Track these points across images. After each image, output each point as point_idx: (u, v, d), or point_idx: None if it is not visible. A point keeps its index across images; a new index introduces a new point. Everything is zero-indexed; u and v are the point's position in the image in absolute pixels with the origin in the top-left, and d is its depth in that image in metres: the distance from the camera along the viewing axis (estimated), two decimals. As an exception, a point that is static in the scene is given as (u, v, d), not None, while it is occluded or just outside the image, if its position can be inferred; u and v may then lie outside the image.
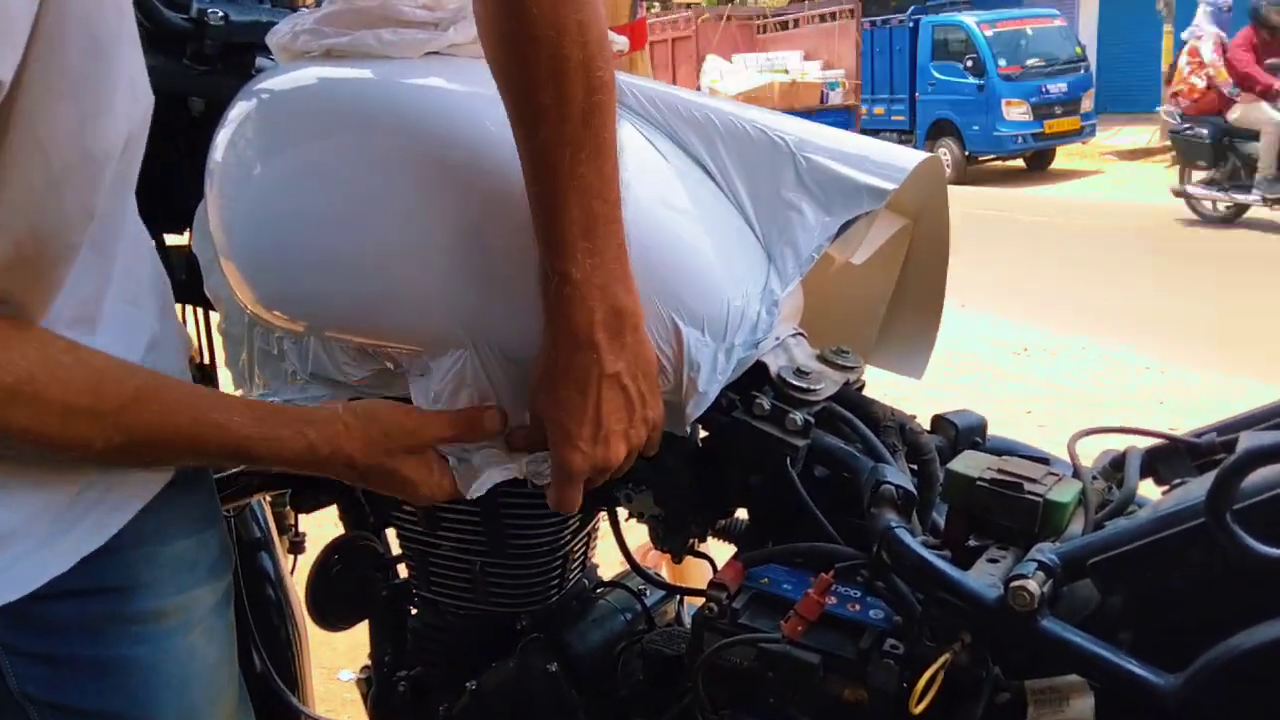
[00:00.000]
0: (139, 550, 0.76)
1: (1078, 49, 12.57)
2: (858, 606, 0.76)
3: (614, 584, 1.10)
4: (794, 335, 0.92)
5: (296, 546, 1.36)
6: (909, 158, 0.91)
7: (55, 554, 0.71)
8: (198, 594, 0.82)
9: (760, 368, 0.86)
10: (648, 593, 1.10)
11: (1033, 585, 0.63)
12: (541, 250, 0.76)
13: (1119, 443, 0.87)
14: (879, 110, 13.59)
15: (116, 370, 0.68)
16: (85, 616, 0.73)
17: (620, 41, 1.42)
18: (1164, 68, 12.48)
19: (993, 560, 0.70)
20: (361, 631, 1.26)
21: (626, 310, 0.77)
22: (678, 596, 1.13)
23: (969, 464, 0.75)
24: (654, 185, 0.89)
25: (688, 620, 1.11)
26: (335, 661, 2.17)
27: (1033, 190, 10.94)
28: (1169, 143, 8.89)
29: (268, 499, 1.33)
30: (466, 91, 0.87)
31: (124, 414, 0.67)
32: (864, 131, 13.02)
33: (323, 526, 1.36)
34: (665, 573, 1.78)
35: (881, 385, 1.01)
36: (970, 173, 11.80)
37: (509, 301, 0.81)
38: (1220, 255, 6.91)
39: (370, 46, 0.89)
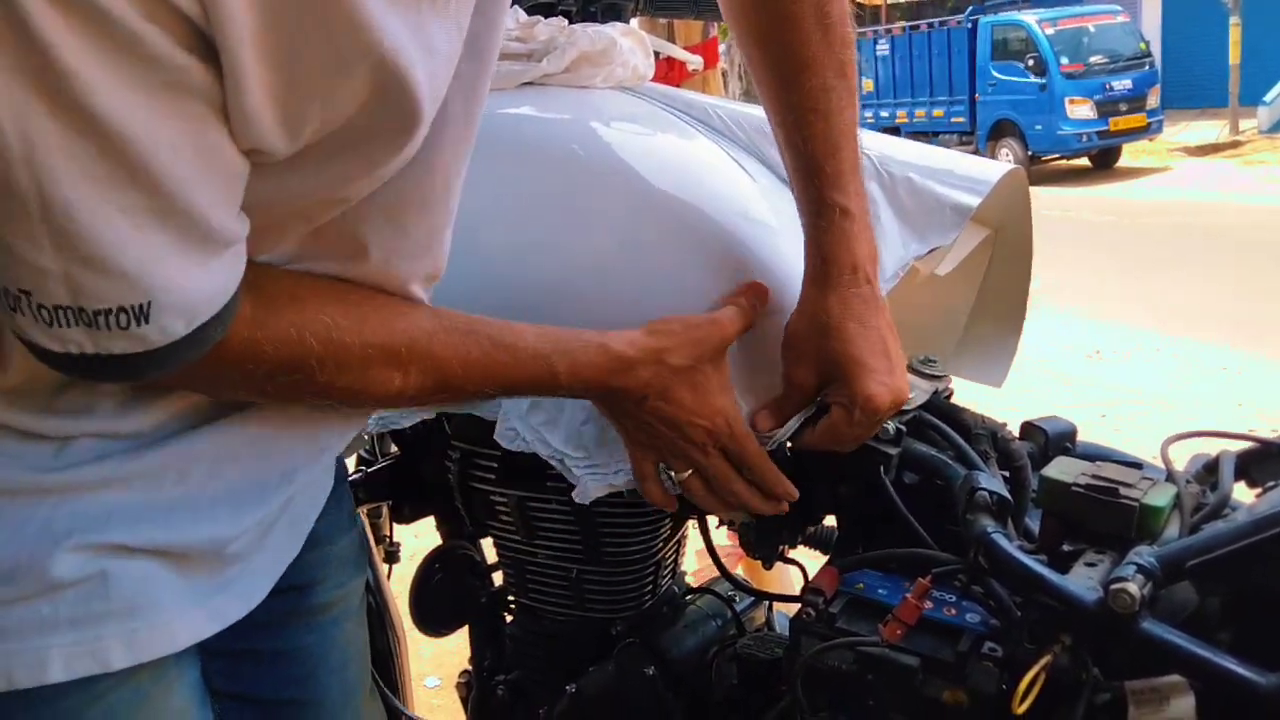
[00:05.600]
0: (315, 551, 0.82)
1: (1141, 44, 12.35)
2: (954, 611, 0.78)
3: (704, 589, 1.13)
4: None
5: (392, 556, 1.42)
6: (992, 171, 0.93)
7: (268, 564, 0.76)
8: (352, 586, 0.88)
9: (850, 378, 0.88)
10: (737, 598, 1.12)
11: (1133, 588, 0.64)
12: (812, 187, 0.80)
13: (1210, 446, 0.87)
14: (938, 112, 13.47)
15: (407, 311, 0.69)
16: (269, 614, 0.78)
17: (695, 60, 1.46)
18: (1232, 61, 12.21)
19: (1090, 564, 0.72)
20: (447, 640, 1.31)
21: (878, 252, 0.82)
22: (766, 602, 1.15)
23: (1063, 470, 0.77)
24: (741, 202, 0.92)
25: (777, 626, 1.14)
26: (421, 669, 2.22)
27: (1099, 189, 10.75)
28: (1238, 137, 8.64)
29: (364, 511, 1.38)
30: (573, 118, 0.92)
31: (417, 349, 0.68)
32: (922, 134, 12.93)
33: (402, 536, 1.42)
34: (745, 577, 1.81)
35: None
36: (1034, 173, 11.61)
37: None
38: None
39: None
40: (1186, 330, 5.11)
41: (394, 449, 1.27)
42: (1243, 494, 0.84)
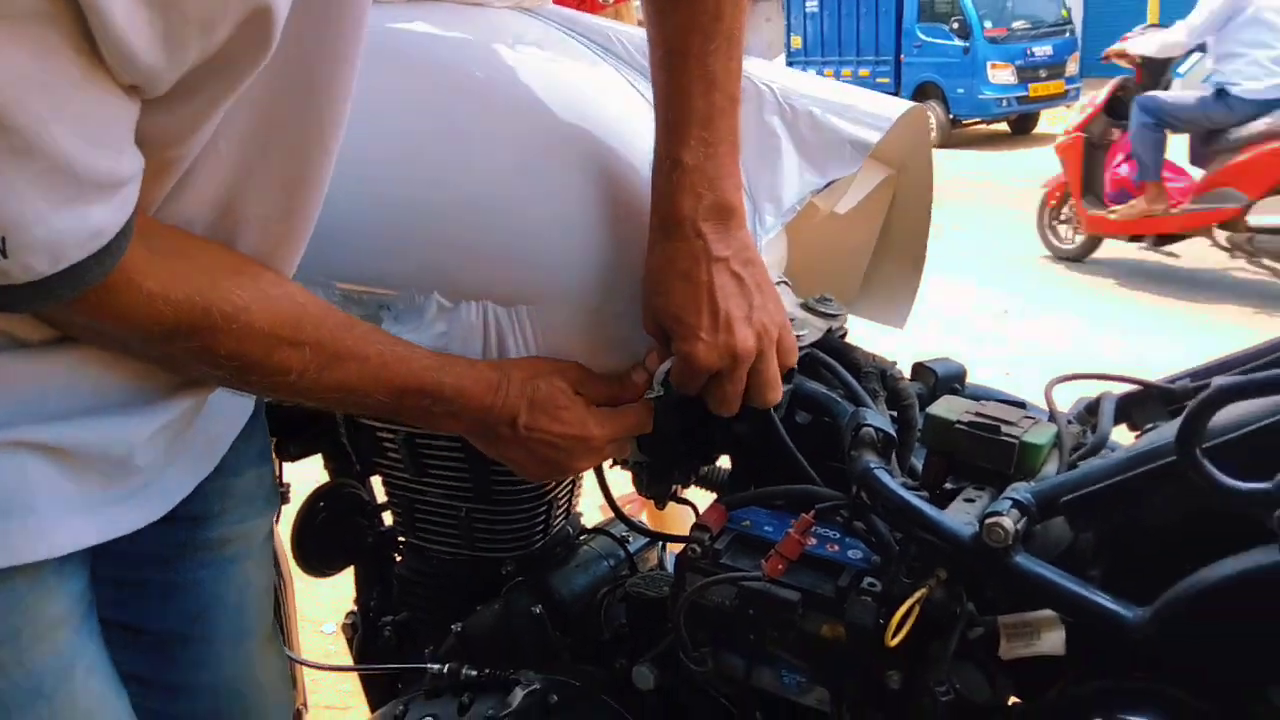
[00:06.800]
0: (215, 481, 0.81)
1: (1064, 11, 12.53)
2: (837, 547, 0.78)
3: (598, 530, 1.12)
4: (778, 284, 0.93)
5: (281, 497, 1.36)
6: (894, 107, 0.92)
7: (176, 479, 0.75)
8: (256, 524, 0.87)
9: (744, 315, 0.87)
10: (631, 539, 1.11)
11: (1007, 522, 0.64)
12: (659, 135, 0.78)
13: (1095, 390, 0.88)
14: (864, 72, 13.53)
15: (316, 305, 0.71)
16: (163, 544, 0.78)
17: (607, -10, 1.42)
18: (1150, 32, 12.47)
19: (969, 500, 0.72)
20: (346, 585, 1.28)
21: (732, 206, 0.78)
22: (660, 543, 1.14)
23: (948, 408, 0.77)
24: (641, 131, 0.89)
25: (670, 566, 1.13)
26: (319, 614, 2.19)
27: (1016, 153, 10.94)
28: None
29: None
30: (469, 37, 0.89)
31: (322, 344, 0.69)
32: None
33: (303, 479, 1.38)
34: (646, 521, 1.80)
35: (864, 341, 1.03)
36: (955, 136, 11.79)
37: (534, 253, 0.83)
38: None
39: None
40: (1094, 294, 5.26)
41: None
42: (1126, 438, 0.85)
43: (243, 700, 0.88)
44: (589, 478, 1.10)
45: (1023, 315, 5.01)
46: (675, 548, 1.13)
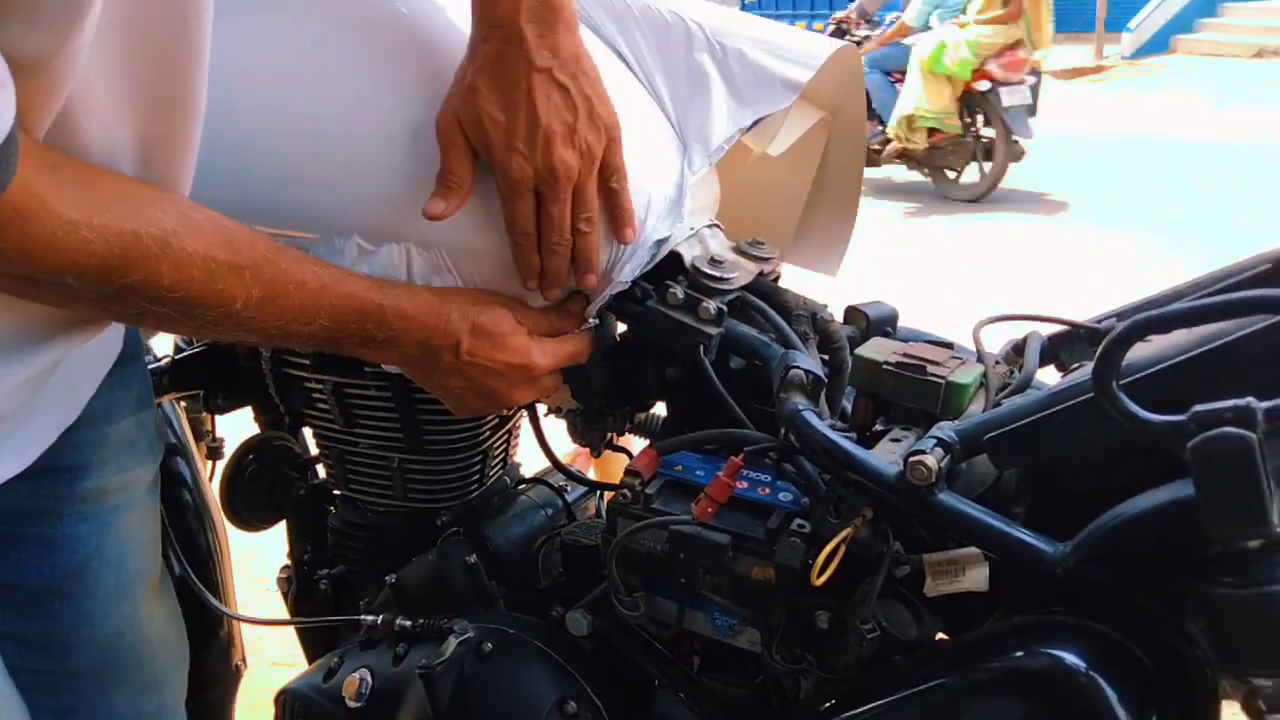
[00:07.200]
0: (91, 430, 0.77)
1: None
2: (767, 490, 0.77)
3: (535, 480, 1.11)
4: (710, 226, 0.91)
5: (214, 452, 1.33)
6: (825, 46, 0.90)
7: (40, 427, 0.72)
8: (137, 474, 0.83)
9: (675, 257, 0.86)
10: (569, 489, 1.10)
11: (930, 460, 0.64)
12: None
13: (1024, 331, 0.88)
14: (819, 26, 13.40)
15: (242, 230, 0.67)
16: (37, 496, 0.74)
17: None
18: (1100, -15, 12.51)
19: (895, 440, 0.72)
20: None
21: (558, 5, 0.72)
22: (599, 492, 1.14)
23: (876, 349, 0.76)
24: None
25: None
26: (264, 572, 2.16)
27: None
28: (1104, 62, 8.82)
29: (182, 404, 1.30)
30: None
31: (260, 268, 0.66)
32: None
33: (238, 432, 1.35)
34: (593, 473, 1.80)
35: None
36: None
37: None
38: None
39: None
40: (1050, 255, 5.31)
41: (209, 336, 1.19)
42: (1055, 378, 0.85)
43: (133, 654, 0.85)
44: (525, 429, 1.09)
45: (976, 266, 5.04)
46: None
